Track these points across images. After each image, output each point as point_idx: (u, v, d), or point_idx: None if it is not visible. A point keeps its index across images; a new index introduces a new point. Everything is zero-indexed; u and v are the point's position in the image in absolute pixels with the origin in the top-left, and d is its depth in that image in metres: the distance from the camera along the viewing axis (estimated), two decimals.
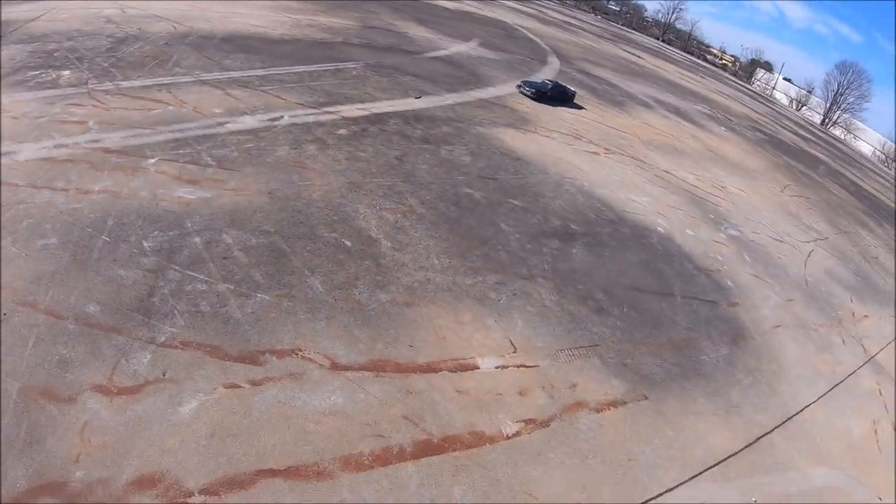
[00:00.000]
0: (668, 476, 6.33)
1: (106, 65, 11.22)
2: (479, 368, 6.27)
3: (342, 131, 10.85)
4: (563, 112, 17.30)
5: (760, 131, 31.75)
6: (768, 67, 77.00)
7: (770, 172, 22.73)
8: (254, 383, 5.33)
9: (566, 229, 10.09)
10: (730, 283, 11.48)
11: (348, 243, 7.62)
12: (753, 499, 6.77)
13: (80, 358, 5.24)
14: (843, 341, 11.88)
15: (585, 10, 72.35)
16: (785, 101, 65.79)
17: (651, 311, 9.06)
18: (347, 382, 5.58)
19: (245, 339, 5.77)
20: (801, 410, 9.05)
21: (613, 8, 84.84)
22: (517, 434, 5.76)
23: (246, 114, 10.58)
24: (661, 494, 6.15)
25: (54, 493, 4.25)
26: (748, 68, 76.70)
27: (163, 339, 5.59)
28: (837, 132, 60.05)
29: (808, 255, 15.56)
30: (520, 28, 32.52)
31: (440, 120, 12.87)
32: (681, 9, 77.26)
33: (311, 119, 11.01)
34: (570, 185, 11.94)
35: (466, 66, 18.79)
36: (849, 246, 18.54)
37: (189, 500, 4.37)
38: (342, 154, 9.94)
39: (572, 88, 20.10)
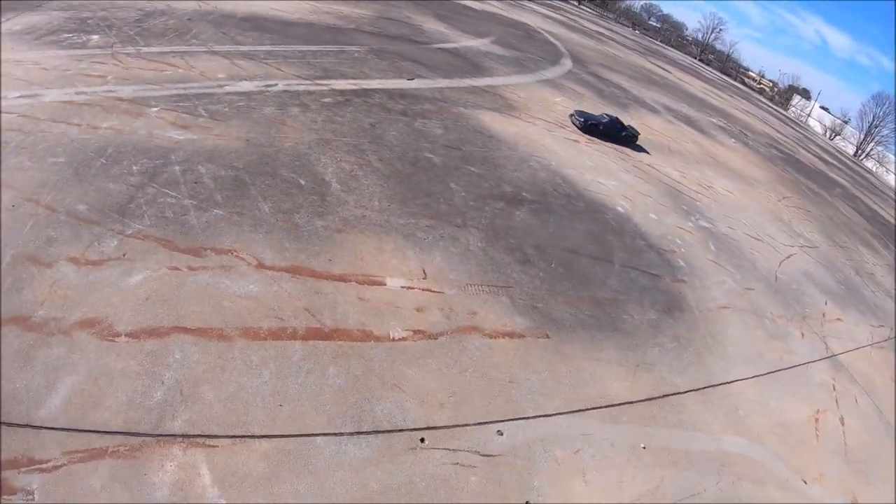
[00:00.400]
0: (550, 404, 6.97)
1: (131, 33, 12.96)
2: (385, 285, 7.28)
3: (327, 100, 12.12)
4: (557, 104, 18.07)
5: (777, 149, 31.22)
6: (806, 94, 74.39)
7: (772, 184, 22.55)
8: (191, 268, 6.55)
9: (516, 196, 10.94)
10: (682, 263, 11.92)
11: (303, 182, 8.81)
12: (642, 445, 7.25)
13: (63, 239, 6.62)
14: (803, 335, 12.04)
15: (624, 25, 72.21)
16: (819, 128, 63.45)
17: (582, 271, 9.75)
18: (266, 278, 6.72)
19: (194, 239, 7.02)
20: (729, 383, 9.43)
21: (654, 24, 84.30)
22: (403, 339, 6.69)
23: (245, 80, 12.02)
24: (536, 417, 6.82)
25: (19, 323, 5.59)
26: (785, 94, 74.36)
27: (130, 232, 6.91)
28: (870, 164, 57.51)
29: (788, 257, 15.61)
30: (542, 31, 33.32)
31: (424, 98, 13.98)
32: (720, 29, 75.96)
33: (302, 88, 12.35)
34: (536, 163, 12.76)
35: (471, 59, 19.84)
36: (842, 259, 18.30)
37: (116, 339, 5.61)
38: (321, 117, 11.19)
39: (637, 129, 18.23)
